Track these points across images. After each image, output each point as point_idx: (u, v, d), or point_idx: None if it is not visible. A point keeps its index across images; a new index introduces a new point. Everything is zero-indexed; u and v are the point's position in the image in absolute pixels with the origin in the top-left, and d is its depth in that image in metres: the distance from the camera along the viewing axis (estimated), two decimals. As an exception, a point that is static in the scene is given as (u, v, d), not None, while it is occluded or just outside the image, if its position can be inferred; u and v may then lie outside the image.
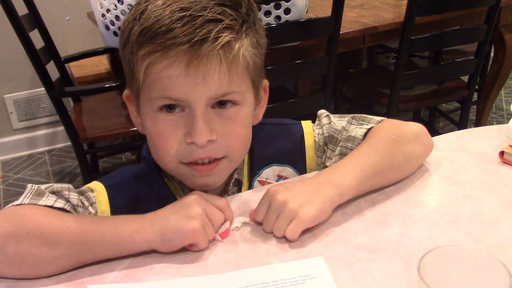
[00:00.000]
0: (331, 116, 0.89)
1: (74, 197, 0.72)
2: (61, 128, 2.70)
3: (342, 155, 0.83)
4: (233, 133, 0.73)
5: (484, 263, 0.53)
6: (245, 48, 0.70)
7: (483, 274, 0.53)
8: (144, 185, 0.81)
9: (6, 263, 0.63)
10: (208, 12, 0.66)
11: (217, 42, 0.65)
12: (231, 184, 0.83)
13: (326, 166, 0.86)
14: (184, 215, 0.66)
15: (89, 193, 0.76)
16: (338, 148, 0.85)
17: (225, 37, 0.66)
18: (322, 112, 0.90)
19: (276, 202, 0.70)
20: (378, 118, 0.86)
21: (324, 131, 0.88)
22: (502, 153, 0.87)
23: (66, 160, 2.74)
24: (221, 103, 0.71)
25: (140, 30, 0.67)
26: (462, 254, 0.55)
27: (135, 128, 1.95)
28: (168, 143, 0.71)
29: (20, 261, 0.63)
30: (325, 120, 0.88)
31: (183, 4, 0.66)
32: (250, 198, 0.79)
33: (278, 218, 0.69)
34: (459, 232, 0.70)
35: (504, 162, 0.86)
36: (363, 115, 0.88)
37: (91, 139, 2.01)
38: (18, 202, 0.67)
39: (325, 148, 0.88)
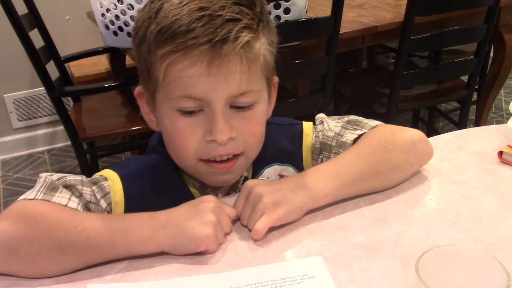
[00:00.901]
0: (326, 121, 0.88)
1: (87, 191, 0.72)
2: (60, 128, 2.70)
3: None
4: (251, 131, 0.74)
5: (481, 262, 0.53)
6: (264, 47, 0.71)
7: (481, 273, 0.53)
8: (159, 178, 0.81)
9: (16, 264, 0.63)
10: (227, 12, 0.66)
11: (238, 42, 0.66)
12: (241, 182, 0.83)
13: None
14: (200, 223, 0.66)
15: (102, 182, 0.76)
16: (332, 155, 0.85)
17: (245, 36, 0.67)
18: (318, 116, 0.90)
19: (252, 194, 0.71)
20: (374, 123, 0.84)
21: (320, 136, 0.88)
22: (501, 153, 0.87)
23: (66, 160, 2.75)
24: (240, 106, 0.71)
25: (159, 29, 0.67)
26: (460, 253, 0.55)
27: (135, 128, 1.99)
28: (188, 141, 0.72)
29: (30, 263, 0.63)
30: (319, 127, 0.88)
31: (201, 3, 0.66)
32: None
33: (252, 210, 0.70)
34: (457, 231, 0.70)
35: (503, 162, 0.86)
36: (359, 118, 0.86)
37: (90, 138, 2.01)
38: (32, 196, 0.66)
39: (321, 155, 0.88)
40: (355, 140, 0.82)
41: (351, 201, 0.77)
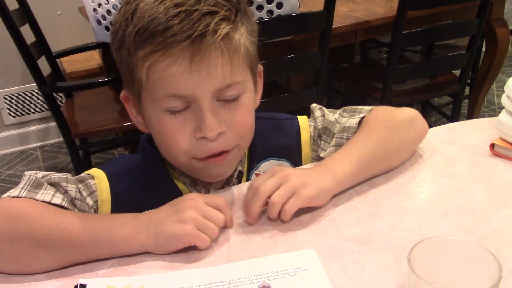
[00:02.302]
0: (324, 108, 0.90)
1: (72, 188, 0.72)
2: (53, 124, 2.69)
3: (338, 146, 0.84)
4: (240, 122, 0.73)
5: (473, 253, 0.53)
6: (244, 37, 0.70)
7: (473, 264, 0.53)
8: (146, 175, 0.80)
9: (1, 261, 0.63)
10: (203, 5, 0.65)
11: (217, 35, 0.65)
12: (235, 176, 0.83)
13: (320, 158, 0.87)
14: (177, 220, 0.65)
15: (89, 180, 0.75)
16: (334, 139, 0.85)
17: (224, 28, 0.66)
18: (315, 105, 0.91)
19: (281, 172, 0.71)
20: (369, 107, 0.87)
21: (318, 124, 0.88)
22: (492, 146, 0.87)
23: (58, 156, 2.73)
24: (226, 99, 0.71)
25: (136, 30, 0.66)
26: (452, 244, 0.55)
27: (128, 124, 1.98)
28: (178, 140, 0.71)
29: (13, 260, 0.63)
30: (318, 113, 0.89)
31: (176, 0, 0.65)
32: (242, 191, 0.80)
33: (280, 188, 0.69)
34: (449, 224, 0.70)
35: (495, 155, 0.87)
36: (353, 107, 0.88)
37: (83, 134, 2.00)
38: (15, 193, 0.66)
39: (319, 140, 0.88)
40: (358, 124, 0.83)
41: (344, 194, 0.77)
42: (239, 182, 0.84)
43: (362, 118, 0.84)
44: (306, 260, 0.65)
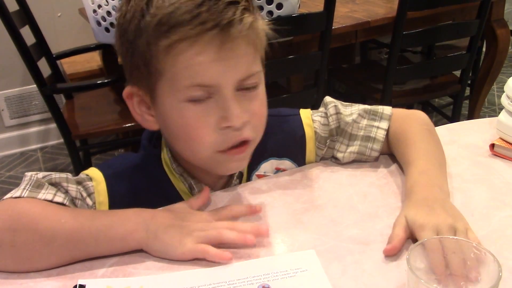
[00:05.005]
0: (339, 105, 0.87)
1: (72, 188, 0.72)
2: (53, 125, 2.68)
3: (360, 154, 0.85)
4: (259, 113, 0.73)
5: (473, 253, 0.53)
6: (263, 26, 0.71)
7: (472, 264, 0.53)
8: (145, 177, 0.80)
9: (2, 255, 0.64)
10: None
11: (243, 23, 0.66)
12: (235, 177, 0.83)
13: (335, 158, 0.86)
14: (179, 233, 0.66)
15: (87, 182, 0.75)
16: (357, 147, 0.85)
17: (247, 18, 0.66)
18: (330, 100, 0.88)
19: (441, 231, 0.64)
20: (388, 110, 0.87)
21: (331, 122, 0.86)
22: (492, 146, 0.87)
23: (59, 157, 2.73)
24: (247, 88, 0.70)
25: (158, 20, 0.65)
26: (451, 245, 0.55)
27: (128, 125, 1.98)
28: (202, 132, 0.69)
29: (15, 254, 0.63)
30: (332, 110, 0.86)
31: None
32: (242, 191, 0.80)
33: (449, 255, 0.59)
34: (449, 224, 0.70)
35: (495, 155, 0.87)
36: (372, 108, 0.87)
37: (83, 136, 2.00)
38: (17, 194, 0.66)
39: (330, 140, 0.86)
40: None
41: (344, 194, 0.77)
42: (240, 182, 0.84)
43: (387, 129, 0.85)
44: (306, 261, 0.64)
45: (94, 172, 0.77)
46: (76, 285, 0.62)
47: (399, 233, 0.66)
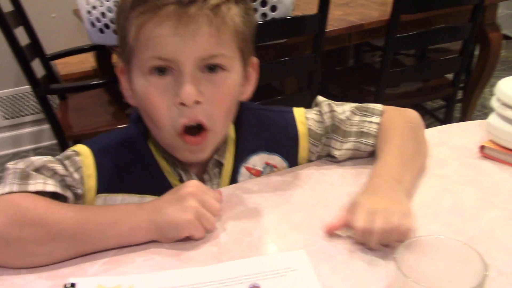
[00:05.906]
0: (332, 104, 0.89)
1: (58, 167, 0.73)
2: (46, 126, 2.67)
3: (356, 150, 0.86)
4: (220, 100, 0.74)
5: (460, 252, 0.54)
6: (234, 13, 0.72)
7: (459, 263, 0.54)
8: (130, 152, 0.81)
9: (6, 250, 0.64)
10: None
11: (206, 4, 0.68)
12: (210, 165, 0.82)
13: (332, 156, 0.87)
14: (179, 208, 0.68)
15: (75, 157, 0.77)
16: (352, 143, 0.86)
17: (213, 0, 0.69)
18: (322, 99, 0.90)
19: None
20: (379, 107, 0.89)
21: (326, 120, 0.87)
22: (482, 148, 0.88)
23: (52, 158, 2.72)
24: (210, 68, 0.72)
25: None
26: (439, 244, 0.55)
27: (121, 126, 1.97)
28: (160, 106, 0.72)
29: (20, 249, 0.64)
30: (326, 108, 0.87)
31: None
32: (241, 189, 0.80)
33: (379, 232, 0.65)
34: (439, 224, 0.71)
35: (485, 157, 0.87)
36: (363, 105, 0.90)
37: (77, 136, 1.99)
38: (7, 189, 0.67)
39: (325, 137, 0.87)
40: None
41: (334, 195, 0.78)
42: (220, 172, 0.83)
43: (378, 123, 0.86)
44: (296, 261, 0.65)
45: (81, 148, 0.79)
46: (66, 284, 0.62)
47: (341, 214, 0.70)
